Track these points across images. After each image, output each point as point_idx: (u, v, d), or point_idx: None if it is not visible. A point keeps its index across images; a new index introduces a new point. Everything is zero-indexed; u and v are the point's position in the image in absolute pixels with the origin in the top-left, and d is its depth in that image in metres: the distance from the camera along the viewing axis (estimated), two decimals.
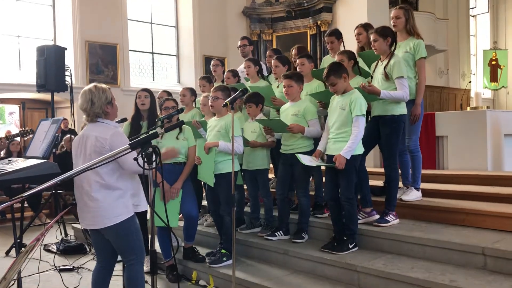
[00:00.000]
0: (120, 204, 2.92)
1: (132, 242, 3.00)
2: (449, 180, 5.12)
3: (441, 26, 13.78)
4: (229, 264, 3.97)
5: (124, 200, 2.94)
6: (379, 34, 3.92)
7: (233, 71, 5.33)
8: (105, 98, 3.00)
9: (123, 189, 2.94)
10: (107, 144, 2.88)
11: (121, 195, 2.93)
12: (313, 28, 12.54)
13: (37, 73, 5.94)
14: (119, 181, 2.93)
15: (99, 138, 2.91)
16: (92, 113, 2.99)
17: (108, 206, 2.89)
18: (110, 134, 2.92)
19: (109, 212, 2.89)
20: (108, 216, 2.90)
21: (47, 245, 5.55)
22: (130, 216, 2.96)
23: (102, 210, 2.89)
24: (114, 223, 2.90)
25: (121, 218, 2.92)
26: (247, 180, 4.63)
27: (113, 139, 2.90)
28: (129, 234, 2.98)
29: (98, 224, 2.94)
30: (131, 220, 2.98)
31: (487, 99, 17.47)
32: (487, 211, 3.83)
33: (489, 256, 3.25)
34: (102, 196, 2.89)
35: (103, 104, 2.99)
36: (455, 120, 5.91)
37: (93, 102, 2.97)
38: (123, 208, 2.93)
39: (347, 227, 3.80)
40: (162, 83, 12.18)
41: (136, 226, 3.03)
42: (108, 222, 2.90)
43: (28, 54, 10.31)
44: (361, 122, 3.67)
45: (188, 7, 12.65)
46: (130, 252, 3.02)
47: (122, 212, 2.93)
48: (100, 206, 2.89)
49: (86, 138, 2.98)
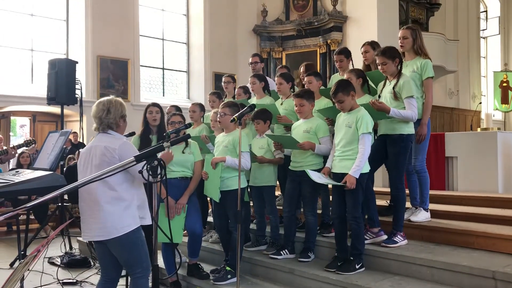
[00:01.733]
0: (128, 214, 2.92)
1: (138, 255, 2.98)
2: (459, 201, 5.04)
3: (452, 47, 13.78)
4: (233, 281, 3.92)
5: (131, 211, 2.94)
6: (387, 57, 3.89)
7: (244, 88, 5.34)
8: (121, 111, 3.05)
9: (129, 200, 2.94)
10: (116, 154, 2.89)
11: (127, 206, 2.93)
12: (323, 47, 12.60)
13: (48, 86, 6.00)
14: (126, 192, 2.93)
15: (108, 148, 2.92)
16: (105, 123, 3.00)
17: (116, 216, 2.88)
18: (119, 144, 2.94)
19: (117, 222, 2.88)
20: (116, 226, 2.88)
21: (51, 258, 5.52)
22: (137, 227, 2.95)
23: (110, 221, 2.88)
24: (121, 233, 2.88)
25: (128, 229, 2.90)
26: (253, 197, 4.60)
27: (122, 148, 2.92)
28: (135, 246, 2.96)
29: (105, 235, 2.91)
30: (137, 232, 2.96)
31: (497, 121, 17.35)
32: (497, 234, 3.75)
33: (500, 281, 3.17)
34: (112, 206, 2.88)
35: (117, 116, 3.03)
36: (465, 141, 5.85)
37: (109, 111, 3.00)
38: (131, 219, 2.93)
39: (354, 247, 3.74)
40: (171, 98, 12.26)
41: (142, 238, 3.00)
42: (116, 232, 2.88)
43: (41, 67, 10.45)
44: (367, 140, 3.64)
45: (200, 24, 12.80)
46: (136, 265, 2.99)
47: (129, 223, 2.92)
48: (109, 216, 2.88)
49: (94, 148, 2.99)
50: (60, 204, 5.75)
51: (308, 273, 3.82)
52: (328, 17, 12.28)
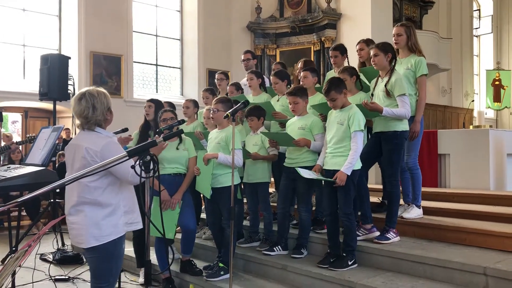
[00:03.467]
0: (109, 222, 2.62)
1: (109, 268, 2.72)
2: (451, 198, 5.07)
3: (445, 46, 13.84)
4: (226, 278, 3.91)
5: (114, 218, 2.65)
6: (380, 49, 3.92)
7: (236, 84, 5.33)
8: (107, 103, 2.73)
9: (113, 205, 2.65)
10: (98, 158, 2.58)
11: (111, 212, 2.64)
12: (317, 44, 12.61)
13: (40, 82, 5.96)
14: (109, 197, 2.63)
15: (89, 150, 2.60)
16: (93, 121, 2.67)
17: (95, 224, 2.59)
18: (102, 146, 2.62)
19: (95, 231, 2.59)
20: (94, 235, 2.59)
21: (43, 254, 5.49)
22: (118, 237, 2.67)
23: (87, 228, 2.59)
24: (100, 243, 2.61)
25: (108, 239, 2.62)
26: (247, 194, 4.59)
27: (104, 151, 2.60)
28: (110, 259, 2.68)
29: (82, 243, 2.63)
30: (118, 243, 2.69)
31: (490, 119, 17.47)
32: (489, 230, 3.77)
33: (491, 277, 3.19)
34: (92, 212, 2.60)
35: (104, 110, 2.70)
36: (458, 138, 5.88)
37: (95, 107, 2.65)
38: (112, 228, 2.63)
39: (346, 244, 3.75)
40: (165, 95, 12.22)
41: (121, 251, 2.77)
42: (93, 241, 2.60)
43: (33, 63, 10.37)
44: (359, 137, 3.65)
45: (193, 21, 12.76)
46: (103, 278, 2.72)
47: (110, 232, 2.63)
48: (88, 223, 2.59)
49: (76, 148, 2.69)
50: (52, 200, 5.71)
51: (301, 269, 3.83)
52: (322, 15, 12.29)
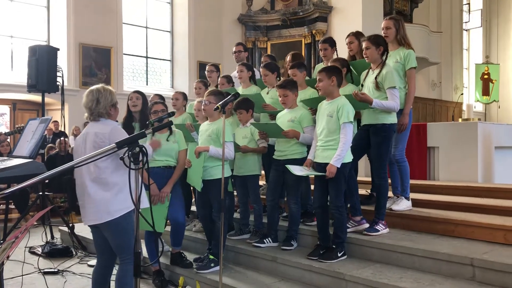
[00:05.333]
0: (119, 199, 2.95)
1: (128, 240, 3.02)
2: (440, 190, 5.11)
3: (435, 39, 13.91)
4: (216, 270, 3.92)
5: (123, 195, 2.94)
6: (371, 42, 3.93)
7: (227, 77, 5.31)
8: (111, 99, 3.10)
9: (121, 184, 2.95)
10: (106, 139, 2.93)
11: (119, 190, 2.96)
12: (308, 37, 12.60)
13: (28, 73, 5.87)
14: (117, 176, 2.96)
15: (98, 134, 2.99)
16: (96, 113, 3.05)
17: (106, 201, 2.94)
18: (110, 129, 3.00)
19: (108, 206, 2.94)
20: (107, 210, 2.94)
21: (32, 247, 5.45)
22: (128, 211, 2.98)
23: (101, 205, 2.94)
24: (113, 217, 2.94)
25: (119, 213, 2.95)
26: (237, 186, 4.60)
27: (113, 133, 2.97)
28: (125, 231, 3.00)
29: (97, 219, 2.98)
30: (128, 217, 3.00)
31: (478, 112, 17.64)
32: (476, 222, 3.81)
33: (478, 267, 3.23)
34: (102, 191, 2.95)
35: (107, 105, 3.08)
36: (447, 131, 5.92)
37: (98, 101, 3.04)
38: (122, 203, 2.96)
39: (336, 235, 3.77)
40: (155, 87, 12.16)
41: (133, 225, 2.99)
42: (107, 216, 2.94)
43: (21, 54, 10.25)
44: (348, 129, 3.65)
45: (184, 13, 12.68)
46: (126, 250, 3.03)
47: (120, 207, 2.96)
48: (100, 201, 2.95)
49: (86, 135, 3.07)
50: (41, 193, 5.67)
51: (290, 261, 3.85)
52: (313, 7, 12.28)
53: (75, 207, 6.73)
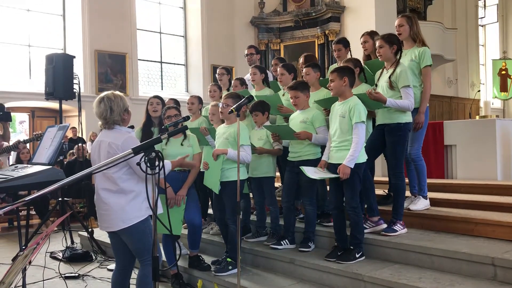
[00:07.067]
0: (133, 206, 2.99)
1: (147, 242, 3.07)
2: (458, 189, 5.05)
3: (450, 36, 13.73)
4: (234, 272, 3.94)
5: (137, 202, 3.00)
6: (385, 40, 3.91)
7: (241, 79, 5.33)
8: (123, 105, 3.10)
9: (135, 192, 3.00)
10: (119, 150, 2.95)
11: (134, 197, 3.00)
12: (321, 38, 12.56)
13: (46, 81, 5.98)
14: (132, 184, 3.00)
15: (111, 144, 3.01)
16: (111, 121, 3.07)
17: (120, 209, 2.98)
18: (123, 140, 3.01)
19: (122, 215, 2.98)
20: (123, 218, 2.99)
21: (53, 252, 5.54)
22: (143, 218, 3.03)
23: (115, 213, 2.99)
24: (128, 225, 2.99)
25: (134, 221, 2.99)
26: (253, 188, 4.60)
27: (125, 145, 2.98)
28: (143, 235, 3.06)
29: (112, 227, 3.04)
30: (145, 222, 3.04)
31: (496, 109, 17.34)
32: (497, 221, 3.76)
33: (499, 267, 3.18)
34: (114, 200, 2.98)
35: (121, 111, 3.08)
36: (464, 129, 5.84)
37: (112, 109, 3.05)
38: (137, 211, 3.00)
39: (353, 236, 3.75)
40: (170, 92, 12.25)
41: (151, 228, 3.07)
42: (122, 224, 2.99)
43: (38, 63, 10.43)
44: (361, 129, 3.63)
45: (197, 17, 12.76)
46: (145, 252, 3.09)
47: (135, 215, 3.00)
48: (114, 209, 2.99)
49: (100, 143, 3.10)
50: (60, 199, 5.76)
51: (308, 263, 3.84)
52: (325, 8, 12.24)
53: (94, 212, 6.80)
